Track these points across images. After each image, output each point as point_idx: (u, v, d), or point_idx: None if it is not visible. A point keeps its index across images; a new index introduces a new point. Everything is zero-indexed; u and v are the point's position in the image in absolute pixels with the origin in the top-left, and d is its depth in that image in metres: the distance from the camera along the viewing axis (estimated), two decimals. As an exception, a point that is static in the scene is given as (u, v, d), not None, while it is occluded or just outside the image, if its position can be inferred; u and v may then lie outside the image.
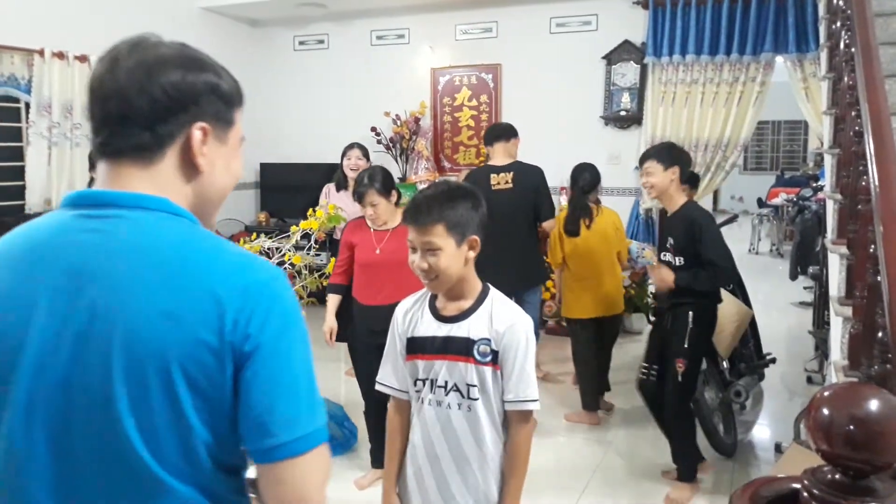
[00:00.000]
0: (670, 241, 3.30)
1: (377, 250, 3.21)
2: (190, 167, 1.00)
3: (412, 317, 1.87)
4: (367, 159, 4.72)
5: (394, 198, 3.20)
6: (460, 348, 1.77)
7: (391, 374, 1.90)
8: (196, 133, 0.99)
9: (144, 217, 0.95)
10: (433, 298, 1.86)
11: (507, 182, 4.07)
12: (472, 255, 1.77)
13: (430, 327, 1.82)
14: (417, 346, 1.84)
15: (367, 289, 3.29)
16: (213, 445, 0.94)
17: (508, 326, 1.76)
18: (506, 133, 4.24)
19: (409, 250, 1.78)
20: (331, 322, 3.39)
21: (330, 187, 4.80)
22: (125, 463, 0.91)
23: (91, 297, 0.91)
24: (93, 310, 0.91)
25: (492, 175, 4.09)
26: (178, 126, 0.98)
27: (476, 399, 1.77)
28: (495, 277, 3.78)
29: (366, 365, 3.27)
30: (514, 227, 4.06)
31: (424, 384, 1.82)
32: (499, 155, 4.17)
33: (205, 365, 0.90)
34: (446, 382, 1.78)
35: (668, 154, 3.26)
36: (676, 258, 3.26)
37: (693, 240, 3.14)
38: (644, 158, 3.32)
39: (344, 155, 4.75)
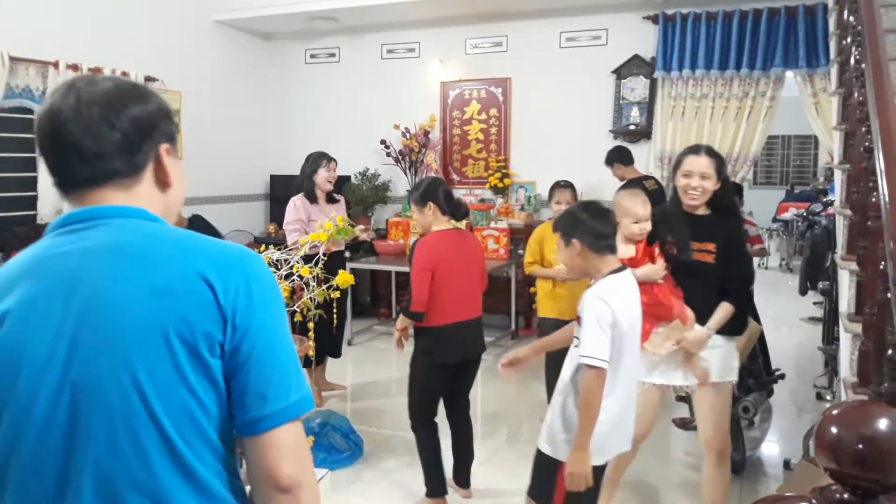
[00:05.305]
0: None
1: None
2: (161, 184, 1.11)
3: None
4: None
5: (430, 209, 3.23)
6: None
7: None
8: (164, 154, 1.09)
9: (123, 222, 1.04)
10: None
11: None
12: (578, 253, 2.24)
13: None
14: None
15: None
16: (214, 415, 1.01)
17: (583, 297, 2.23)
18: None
19: None
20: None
21: (302, 200, 4.38)
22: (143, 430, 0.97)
23: (83, 294, 0.98)
24: (85, 304, 0.97)
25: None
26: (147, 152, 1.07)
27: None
28: None
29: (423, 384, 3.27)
30: None
31: None
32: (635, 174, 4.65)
33: (203, 334, 0.97)
34: None
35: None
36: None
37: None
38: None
39: (321, 165, 4.43)
